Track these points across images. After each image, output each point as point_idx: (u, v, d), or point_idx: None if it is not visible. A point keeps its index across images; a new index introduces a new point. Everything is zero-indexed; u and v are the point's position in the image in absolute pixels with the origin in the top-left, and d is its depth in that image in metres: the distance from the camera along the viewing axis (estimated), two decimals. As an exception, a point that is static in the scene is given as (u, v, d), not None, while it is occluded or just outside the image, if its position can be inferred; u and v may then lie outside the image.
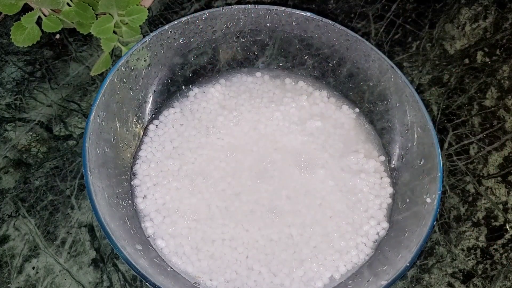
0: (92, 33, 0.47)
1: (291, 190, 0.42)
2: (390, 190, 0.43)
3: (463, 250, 0.46)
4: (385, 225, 0.42)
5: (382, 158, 0.45)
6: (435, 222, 0.37)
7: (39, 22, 0.48)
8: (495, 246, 0.46)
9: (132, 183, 0.42)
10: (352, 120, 0.47)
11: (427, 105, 0.52)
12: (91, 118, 0.37)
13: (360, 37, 0.43)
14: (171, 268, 0.39)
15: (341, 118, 0.47)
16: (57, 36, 0.53)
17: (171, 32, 0.43)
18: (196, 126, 0.45)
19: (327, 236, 0.41)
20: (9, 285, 0.41)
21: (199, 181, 0.42)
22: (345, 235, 0.41)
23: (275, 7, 0.44)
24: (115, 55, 0.52)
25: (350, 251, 0.41)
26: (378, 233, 0.42)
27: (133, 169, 0.43)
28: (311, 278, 0.40)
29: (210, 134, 0.44)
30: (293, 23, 0.45)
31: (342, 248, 0.41)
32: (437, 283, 0.44)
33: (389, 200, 0.43)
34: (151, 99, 0.45)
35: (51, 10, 0.49)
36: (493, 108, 0.53)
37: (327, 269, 0.40)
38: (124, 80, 0.41)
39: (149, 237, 0.40)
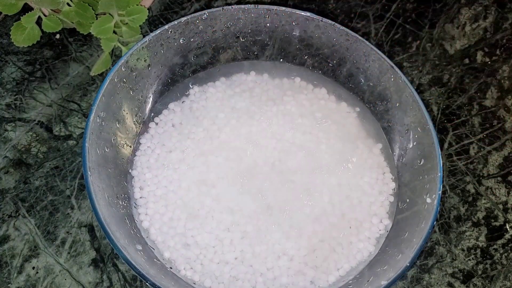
0: (92, 33, 0.47)
1: (292, 188, 0.42)
2: (392, 185, 0.43)
3: (463, 250, 0.46)
4: (387, 222, 0.42)
5: (384, 154, 0.45)
6: (435, 222, 0.37)
7: (39, 22, 0.48)
8: (495, 246, 0.46)
9: (132, 183, 0.42)
10: (353, 118, 0.47)
11: (427, 105, 0.52)
12: (91, 118, 0.37)
13: (360, 37, 0.43)
14: (171, 268, 0.39)
15: (342, 115, 0.47)
16: (57, 36, 0.53)
17: (171, 32, 0.43)
18: (196, 125, 0.45)
19: (328, 234, 0.41)
20: (9, 285, 0.41)
21: (199, 180, 0.42)
22: (346, 233, 0.41)
23: (275, 7, 0.44)
24: (115, 55, 0.52)
25: (352, 249, 0.41)
26: (379, 231, 0.42)
27: (133, 169, 0.43)
28: (312, 277, 0.40)
29: (210, 132, 0.44)
30: (293, 23, 0.45)
31: (344, 246, 0.41)
32: (437, 283, 0.44)
33: (392, 198, 0.43)
34: (151, 99, 0.45)
35: (51, 10, 0.49)
36: (493, 108, 0.53)
37: (328, 267, 0.40)
38: (124, 80, 0.41)
39: (147, 237, 0.40)
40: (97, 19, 0.47)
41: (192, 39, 0.44)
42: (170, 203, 0.41)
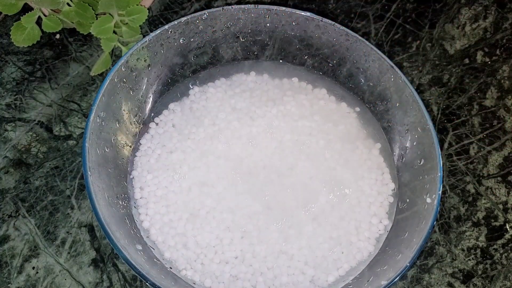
0: (92, 33, 0.47)
1: (292, 188, 0.42)
2: (392, 186, 0.44)
3: (463, 250, 0.46)
4: (387, 222, 0.42)
5: (384, 154, 0.45)
6: (435, 222, 0.37)
7: (39, 22, 0.48)
8: (495, 246, 0.46)
9: (132, 184, 0.42)
10: (353, 118, 0.47)
11: (427, 105, 0.52)
12: (91, 118, 0.37)
13: (360, 37, 0.43)
14: (171, 268, 0.39)
15: (342, 115, 0.47)
16: (57, 36, 0.53)
17: (171, 32, 0.43)
18: (196, 125, 0.45)
19: (328, 234, 0.41)
20: (9, 285, 0.41)
21: (200, 181, 0.42)
22: (345, 233, 0.41)
23: (275, 7, 0.44)
24: (115, 55, 0.52)
25: (351, 249, 0.41)
26: (379, 231, 0.42)
27: (133, 169, 0.43)
28: (312, 276, 0.40)
29: (210, 133, 0.44)
30: (293, 23, 0.45)
31: (343, 246, 0.41)
32: (437, 283, 0.44)
33: (391, 198, 0.43)
34: (151, 99, 0.45)
35: (51, 10, 0.49)
36: (493, 108, 0.53)
37: (328, 267, 0.40)
38: (124, 80, 0.41)
39: (147, 237, 0.40)
40: (97, 19, 0.47)
41: (192, 39, 0.44)
42: (171, 204, 0.41)
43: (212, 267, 0.39)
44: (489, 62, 0.56)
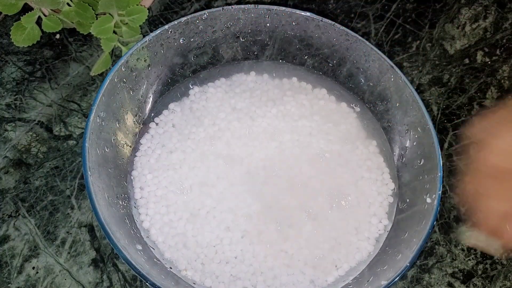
0: (92, 33, 0.47)
1: (291, 188, 0.42)
2: (392, 186, 0.44)
3: (463, 250, 0.46)
4: (386, 222, 0.42)
5: (384, 154, 0.45)
6: (435, 222, 0.37)
7: (39, 22, 0.48)
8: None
9: (132, 184, 0.42)
10: (353, 118, 0.47)
11: (427, 105, 0.52)
12: (91, 118, 0.37)
13: (360, 37, 0.43)
14: (171, 268, 0.39)
15: (342, 115, 0.47)
16: (57, 36, 0.53)
17: (171, 32, 0.43)
18: (196, 125, 0.45)
19: (327, 234, 0.41)
20: (9, 285, 0.41)
21: (200, 181, 0.42)
22: (345, 232, 0.41)
23: (275, 7, 0.44)
24: (115, 55, 0.52)
25: (351, 249, 0.41)
26: (379, 231, 0.42)
27: (133, 169, 0.43)
28: (312, 276, 0.40)
29: (210, 133, 0.44)
30: (293, 23, 0.45)
31: (343, 246, 0.41)
32: (437, 283, 0.44)
33: (391, 198, 0.43)
34: (151, 99, 0.45)
35: (51, 10, 0.49)
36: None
37: (327, 267, 0.40)
38: (124, 80, 0.41)
39: (147, 237, 0.40)
40: (97, 19, 0.47)
41: (192, 39, 0.45)
42: (171, 204, 0.41)
43: (212, 266, 0.39)
44: (489, 62, 0.55)
